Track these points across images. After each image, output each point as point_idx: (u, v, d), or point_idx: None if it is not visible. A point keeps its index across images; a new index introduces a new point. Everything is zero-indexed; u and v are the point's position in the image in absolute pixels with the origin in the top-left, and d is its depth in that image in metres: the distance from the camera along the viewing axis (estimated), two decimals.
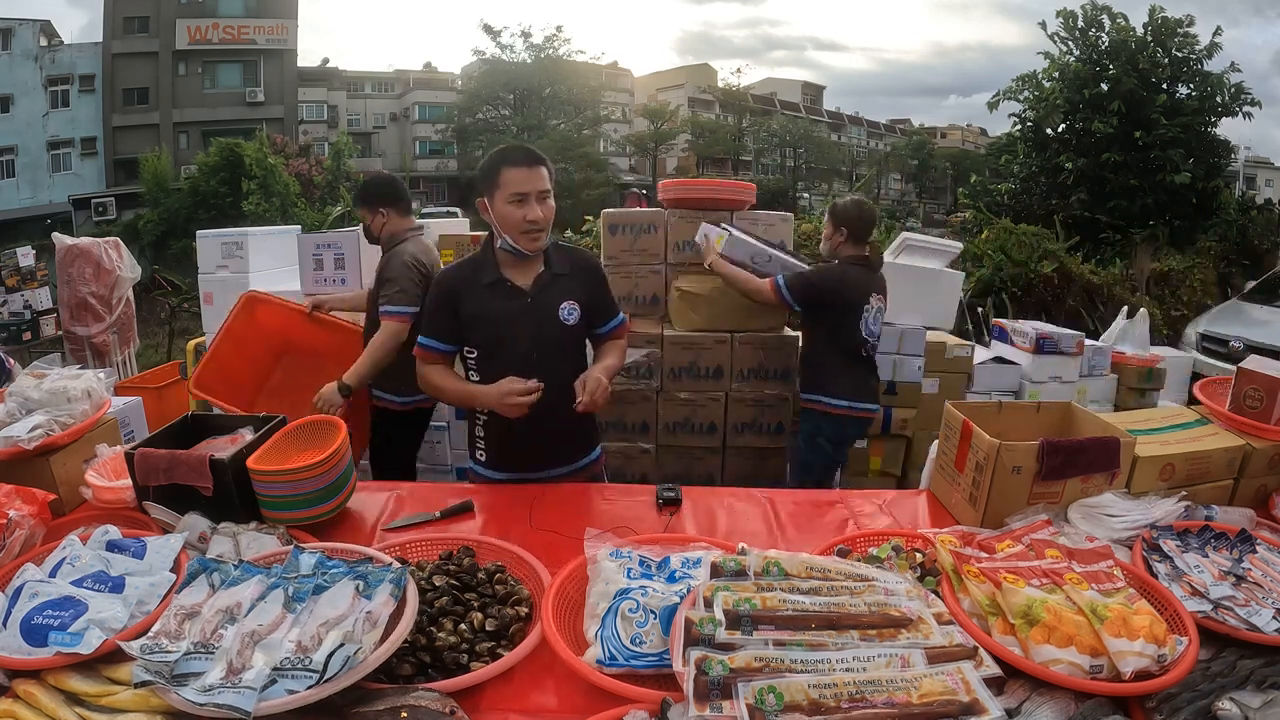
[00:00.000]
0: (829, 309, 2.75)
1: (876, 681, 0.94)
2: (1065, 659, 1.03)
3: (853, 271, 2.76)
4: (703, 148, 33.37)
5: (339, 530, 1.58)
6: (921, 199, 39.64)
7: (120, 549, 1.28)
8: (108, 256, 5.40)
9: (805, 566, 1.18)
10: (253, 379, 3.19)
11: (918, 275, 3.39)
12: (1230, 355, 5.35)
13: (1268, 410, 1.63)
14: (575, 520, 1.60)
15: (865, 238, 2.77)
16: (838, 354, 2.78)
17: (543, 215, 1.75)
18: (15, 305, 6.17)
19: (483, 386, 1.79)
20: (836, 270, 2.78)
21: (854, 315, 2.72)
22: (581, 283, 1.89)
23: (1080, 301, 6.63)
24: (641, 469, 3.20)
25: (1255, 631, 1.14)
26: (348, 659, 0.98)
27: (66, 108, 21.12)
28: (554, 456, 1.92)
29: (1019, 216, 9.99)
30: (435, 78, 32.38)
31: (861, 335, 2.73)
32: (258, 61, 23.33)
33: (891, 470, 3.52)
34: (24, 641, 1.08)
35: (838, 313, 2.74)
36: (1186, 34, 11.70)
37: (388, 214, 2.71)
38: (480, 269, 1.85)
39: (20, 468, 1.53)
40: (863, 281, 2.75)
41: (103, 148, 21.60)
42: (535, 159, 1.76)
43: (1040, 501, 1.50)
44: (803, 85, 41.86)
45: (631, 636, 1.08)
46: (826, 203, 9.25)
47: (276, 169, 14.29)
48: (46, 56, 20.72)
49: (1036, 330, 3.56)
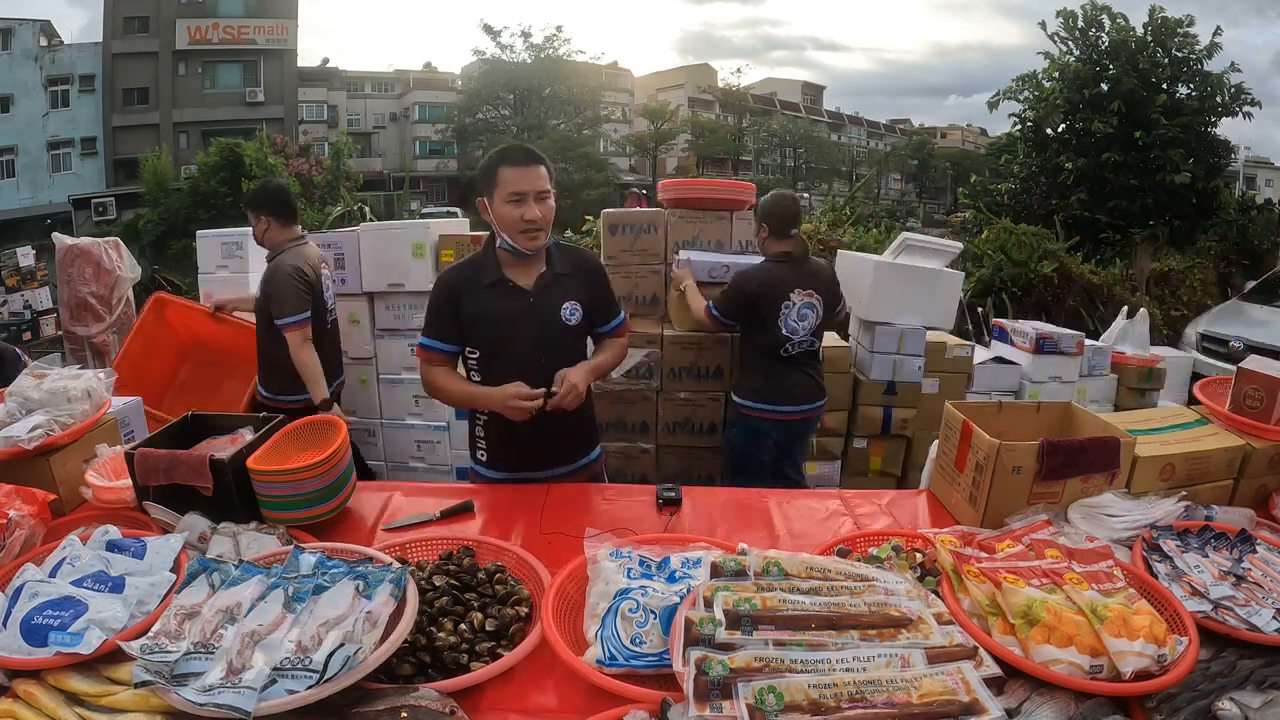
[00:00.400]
0: (746, 311, 2.70)
1: (876, 681, 0.94)
2: (1065, 659, 1.03)
3: (773, 270, 2.69)
4: (703, 148, 33.39)
5: (339, 530, 1.58)
6: (921, 199, 39.65)
7: (120, 549, 1.28)
8: (108, 256, 5.39)
9: (805, 566, 1.18)
10: (163, 377, 3.38)
11: (918, 275, 3.39)
12: (1230, 355, 5.35)
13: (1268, 410, 1.63)
14: (575, 520, 1.60)
15: (787, 232, 2.70)
16: (754, 354, 2.75)
17: (541, 215, 1.75)
18: (15, 305, 6.17)
19: (487, 389, 1.79)
20: (754, 271, 2.72)
21: (770, 314, 2.65)
22: (583, 283, 1.89)
23: (1080, 301, 6.63)
24: (641, 469, 3.20)
25: (1255, 631, 1.14)
26: (348, 659, 0.98)
27: (66, 108, 21.12)
28: (554, 456, 1.92)
29: (1019, 216, 9.98)
30: (435, 78, 32.37)
31: (781, 334, 2.65)
32: (258, 61, 23.32)
33: (891, 470, 3.52)
34: (24, 641, 1.08)
35: (752, 313, 2.68)
36: (1186, 34, 11.69)
37: (269, 222, 2.77)
38: (481, 269, 1.85)
39: (20, 468, 1.53)
40: (782, 278, 2.66)
41: (103, 148, 21.59)
42: (533, 158, 1.76)
43: (1040, 501, 1.50)
44: (803, 85, 41.88)
45: (631, 636, 1.08)
46: (827, 202, 9.25)
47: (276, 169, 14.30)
48: (46, 56, 20.72)
49: (1036, 330, 3.56)
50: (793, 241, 2.73)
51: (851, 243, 6.29)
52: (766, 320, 2.66)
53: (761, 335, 2.68)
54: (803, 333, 2.69)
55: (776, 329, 2.65)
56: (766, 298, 2.65)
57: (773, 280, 2.67)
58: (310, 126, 25.87)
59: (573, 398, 1.73)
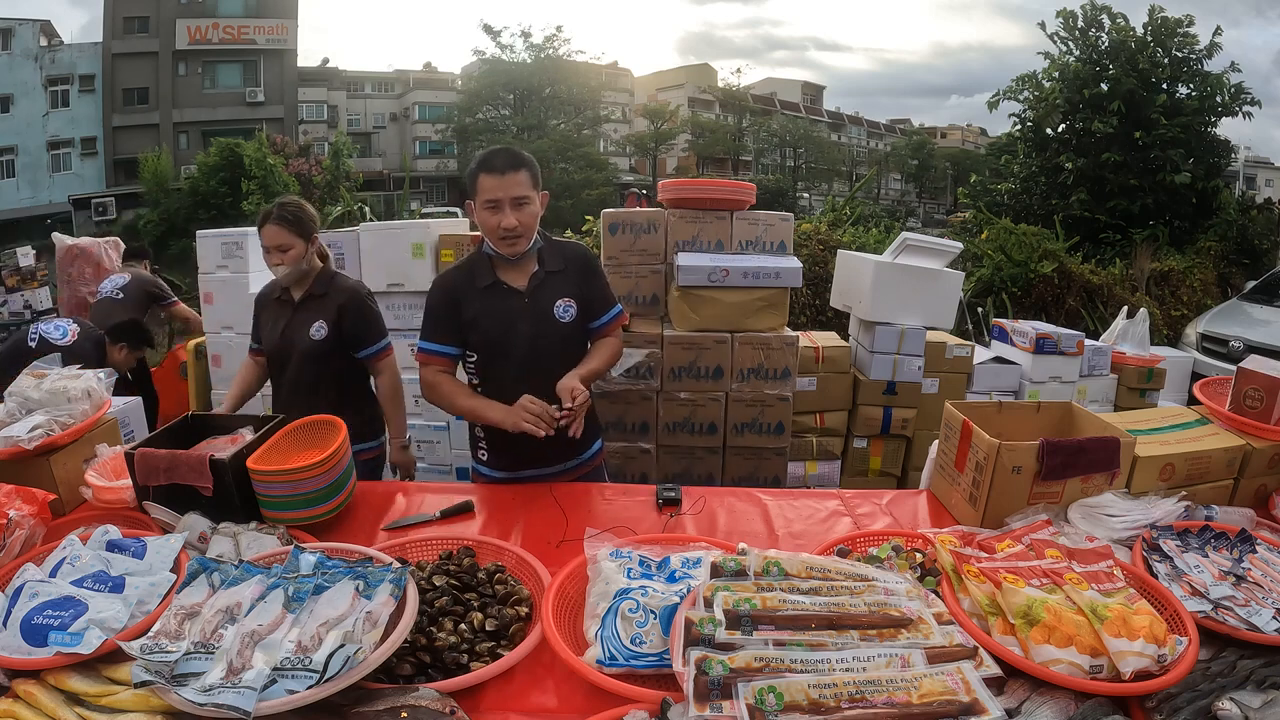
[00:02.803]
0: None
1: (876, 681, 0.94)
2: (1065, 659, 1.03)
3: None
4: (703, 148, 33.39)
5: (339, 530, 1.58)
6: (921, 199, 39.68)
7: (120, 549, 1.28)
8: (108, 256, 5.40)
9: (805, 566, 1.18)
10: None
11: (918, 275, 3.39)
12: (1230, 355, 5.36)
13: (1268, 410, 1.63)
14: (575, 520, 1.60)
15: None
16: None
17: (517, 222, 1.74)
18: (15, 305, 6.18)
19: (496, 406, 1.76)
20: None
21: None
22: (574, 278, 1.89)
23: (1080, 301, 6.64)
24: (641, 469, 3.19)
25: (1255, 631, 1.14)
26: (348, 659, 0.98)
27: (66, 108, 21.13)
28: (555, 455, 1.92)
29: (1019, 216, 9.99)
30: (435, 78, 32.36)
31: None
32: (258, 61, 23.33)
33: (891, 470, 3.51)
34: (24, 641, 1.08)
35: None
36: (1186, 34, 11.68)
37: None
38: (475, 272, 1.85)
39: (20, 468, 1.53)
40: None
41: (103, 148, 21.60)
42: (513, 165, 1.73)
43: (1040, 501, 1.50)
44: (803, 85, 41.87)
45: (631, 636, 1.08)
46: (827, 202, 9.25)
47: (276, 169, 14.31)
48: (46, 56, 20.72)
49: (1036, 330, 3.56)
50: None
51: (851, 243, 6.29)
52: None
53: None
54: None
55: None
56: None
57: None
58: (310, 126, 25.86)
59: (583, 404, 1.72)
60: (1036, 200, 12.00)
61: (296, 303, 2.24)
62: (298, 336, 2.21)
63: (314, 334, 2.19)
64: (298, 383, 2.22)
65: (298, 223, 2.18)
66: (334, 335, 2.21)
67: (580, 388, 1.72)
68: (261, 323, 2.34)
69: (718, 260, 3.07)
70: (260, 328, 2.34)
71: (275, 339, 2.25)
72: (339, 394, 2.21)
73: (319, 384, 2.22)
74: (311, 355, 2.20)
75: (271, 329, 2.27)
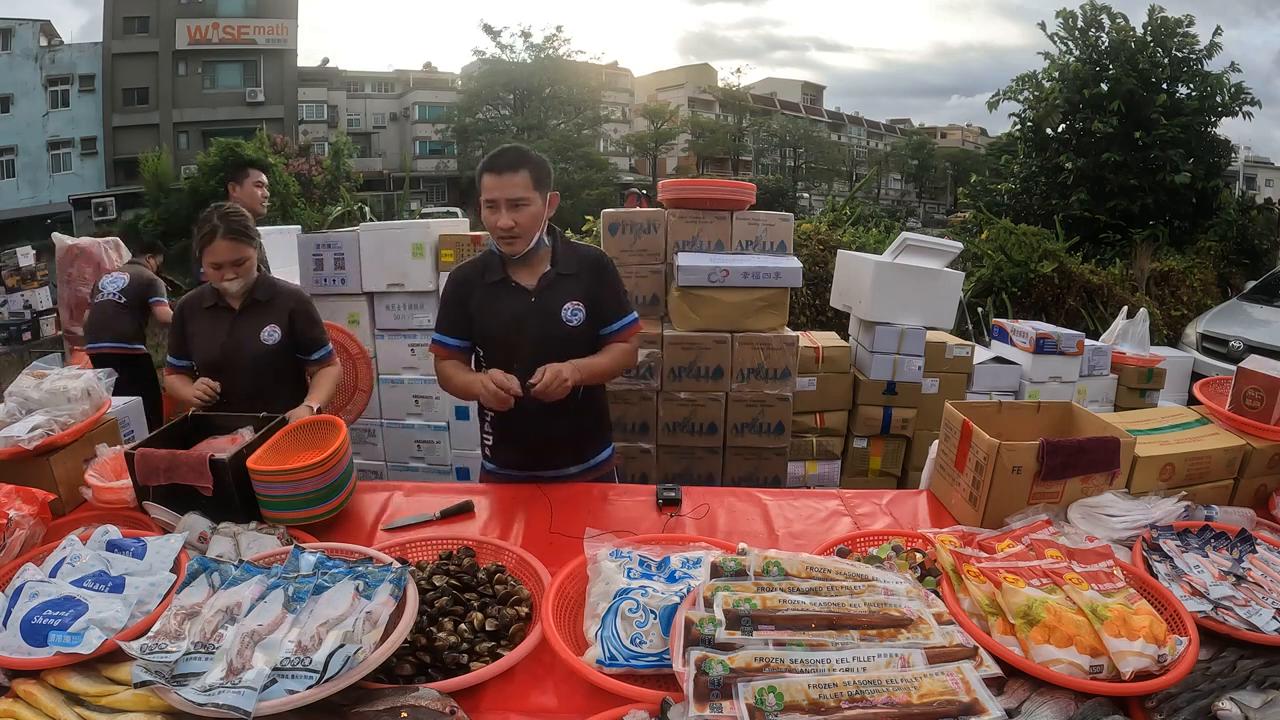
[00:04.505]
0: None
1: (876, 681, 0.94)
2: (1065, 659, 1.03)
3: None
4: (703, 148, 33.40)
5: (339, 530, 1.58)
6: (921, 199, 39.67)
7: (120, 549, 1.28)
8: (108, 256, 5.40)
9: (805, 566, 1.18)
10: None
11: (918, 275, 3.39)
12: (1230, 355, 5.36)
13: (1268, 410, 1.63)
14: (575, 520, 1.60)
15: None
16: None
17: (514, 222, 1.74)
18: (15, 305, 6.17)
19: (474, 375, 1.80)
20: None
21: None
22: (586, 283, 1.86)
23: (1080, 301, 6.64)
24: (641, 469, 3.20)
25: (1255, 631, 1.14)
26: (348, 659, 0.98)
27: (66, 108, 21.12)
28: (563, 455, 1.92)
29: (1019, 216, 10.00)
30: (435, 78, 32.37)
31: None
32: (258, 61, 23.31)
33: (891, 470, 3.51)
34: (24, 641, 1.08)
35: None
36: (1186, 34, 11.69)
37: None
38: (487, 267, 1.87)
39: (20, 468, 1.53)
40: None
41: (103, 148, 21.59)
42: (514, 165, 1.73)
43: (1040, 501, 1.50)
44: (803, 85, 41.87)
45: (631, 636, 1.08)
46: (827, 202, 9.25)
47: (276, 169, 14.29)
48: (46, 56, 20.72)
49: (1036, 330, 3.56)
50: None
51: (851, 243, 6.29)
52: None
53: None
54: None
55: None
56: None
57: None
58: (310, 126, 25.86)
59: (557, 386, 1.65)
60: (1036, 200, 12.00)
61: (238, 310, 2.13)
62: (246, 342, 2.11)
63: (266, 338, 2.11)
64: (245, 390, 2.09)
65: (246, 232, 2.08)
66: (287, 338, 2.15)
67: (561, 372, 1.66)
68: (189, 334, 2.15)
69: (718, 260, 3.08)
70: (186, 340, 2.16)
71: (215, 349, 2.11)
72: (292, 398, 2.09)
73: (268, 389, 2.10)
74: (262, 360, 2.11)
75: (208, 339, 2.13)
